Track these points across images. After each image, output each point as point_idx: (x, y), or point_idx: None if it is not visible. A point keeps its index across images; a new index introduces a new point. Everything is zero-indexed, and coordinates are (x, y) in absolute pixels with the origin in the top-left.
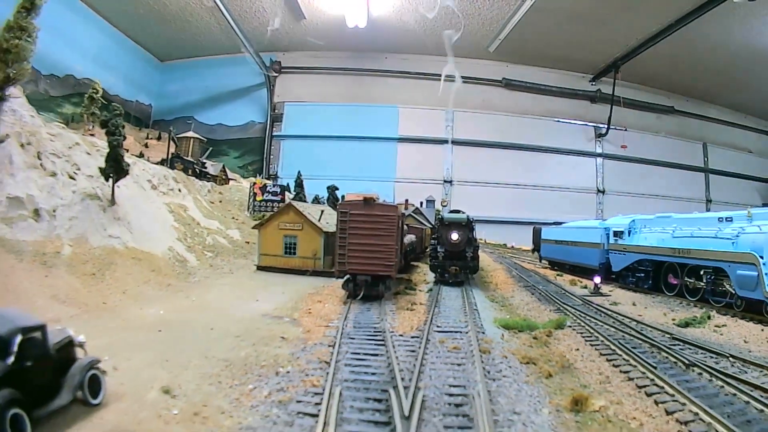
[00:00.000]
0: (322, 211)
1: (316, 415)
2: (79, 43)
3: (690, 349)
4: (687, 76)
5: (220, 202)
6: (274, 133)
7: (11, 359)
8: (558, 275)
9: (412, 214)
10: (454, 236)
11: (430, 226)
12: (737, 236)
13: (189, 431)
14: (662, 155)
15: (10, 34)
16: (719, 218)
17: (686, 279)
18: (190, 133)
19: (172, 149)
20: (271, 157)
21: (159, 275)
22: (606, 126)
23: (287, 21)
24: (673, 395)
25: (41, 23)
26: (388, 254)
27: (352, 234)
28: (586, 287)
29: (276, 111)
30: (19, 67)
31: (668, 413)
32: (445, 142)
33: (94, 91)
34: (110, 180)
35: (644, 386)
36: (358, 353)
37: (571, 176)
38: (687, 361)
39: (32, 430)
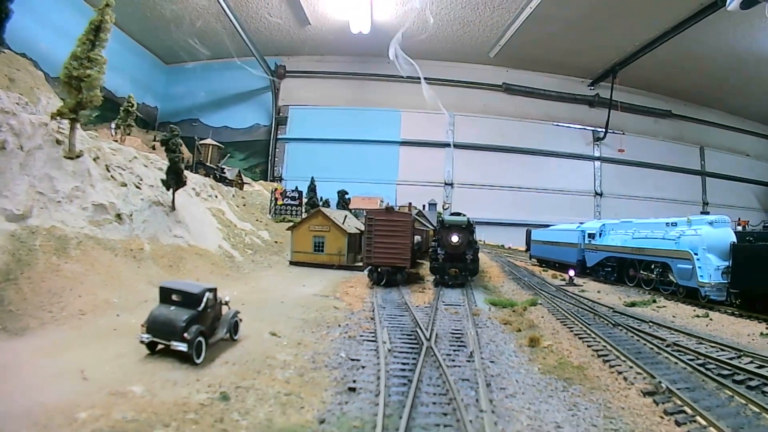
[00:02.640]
0: (346, 216)
1: (375, 340)
2: None
3: (624, 318)
4: (684, 81)
5: (244, 205)
6: (279, 136)
7: (201, 307)
8: (543, 270)
9: (416, 216)
10: (455, 239)
11: (433, 228)
12: (679, 238)
13: (299, 351)
14: (659, 159)
15: (76, 62)
16: (667, 223)
17: (642, 272)
18: (209, 140)
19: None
20: (276, 159)
21: (217, 267)
22: (604, 130)
23: (292, 26)
24: (595, 338)
25: (48, 25)
26: (405, 250)
27: (377, 235)
28: (564, 279)
29: (280, 114)
30: (89, 95)
31: (588, 346)
32: (447, 145)
33: (129, 104)
34: (171, 189)
35: (579, 334)
36: (391, 314)
37: (569, 179)
38: (614, 323)
39: (206, 351)
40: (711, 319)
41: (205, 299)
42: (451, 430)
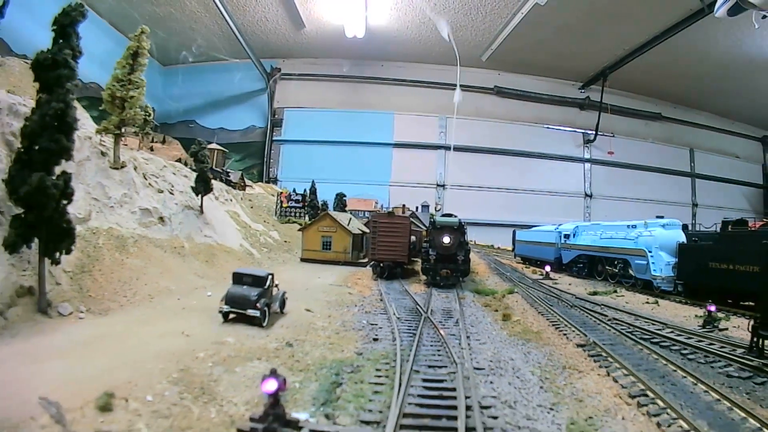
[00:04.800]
0: (350, 219)
1: (386, 313)
2: (86, 48)
3: (582, 302)
4: (674, 84)
5: (251, 208)
6: (274, 138)
7: (266, 285)
8: (525, 267)
9: (411, 219)
10: (446, 240)
11: (425, 229)
12: (636, 238)
13: (330, 320)
14: (649, 161)
15: (119, 84)
16: (627, 225)
17: (607, 267)
18: (214, 145)
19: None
20: (271, 161)
21: (242, 263)
22: (594, 132)
23: (288, 29)
24: (554, 314)
25: (47, 25)
26: (404, 248)
27: (380, 235)
28: (541, 274)
29: (276, 116)
30: (132, 113)
31: (547, 320)
32: (439, 147)
33: (147, 113)
34: (199, 195)
35: (542, 313)
36: (396, 298)
37: (560, 181)
38: (572, 305)
39: (269, 318)
40: (658, 305)
41: (268, 280)
42: (442, 356)
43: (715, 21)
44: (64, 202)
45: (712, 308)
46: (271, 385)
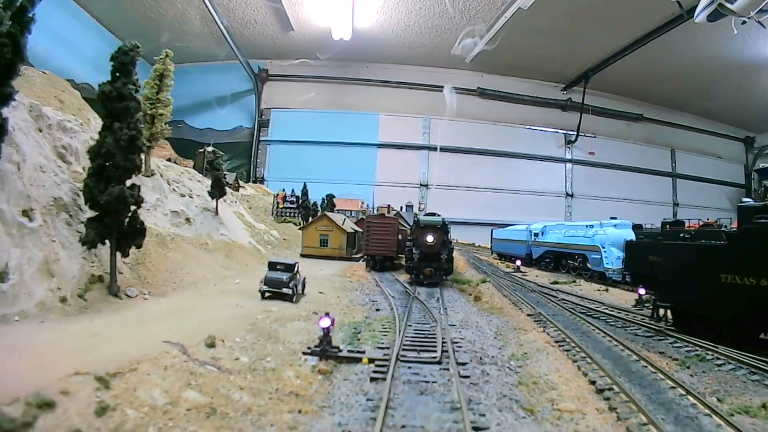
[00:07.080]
0: (345, 219)
1: (384, 294)
2: (79, 49)
3: (541, 288)
4: (656, 86)
5: (250, 208)
6: (261, 138)
7: (294, 271)
8: (501, 262)
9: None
10: (430, 239)
11: (410, 228)
12: (593, 236)
13: (340, 299)
14: (630, 161)
15: (149, 103)
16: (586, 225)
17: (569, 261)
18: (211, 148)
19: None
20: (258, 161)
21: (254, 258)
22: (576, 133)
23: (276, 32)
24: (516, 297)
25: (45, 29)
26: (393, 244)
27: (373, 233)
28: (513, 268)
29: (263, 117)
30: (161, 127)
31: (510, 300)
32: (423, 148)
33: None
34: (214, 198)
35: (506, 296)
36: (388, 285)
37: (541, 181)
38: (531, 289)
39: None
40: (607, 292)
41: (296, 267)
42: (427, 318)
43: (696, 25)
44: (134, 207)
45: (642, 291)
46: (326, 322)
